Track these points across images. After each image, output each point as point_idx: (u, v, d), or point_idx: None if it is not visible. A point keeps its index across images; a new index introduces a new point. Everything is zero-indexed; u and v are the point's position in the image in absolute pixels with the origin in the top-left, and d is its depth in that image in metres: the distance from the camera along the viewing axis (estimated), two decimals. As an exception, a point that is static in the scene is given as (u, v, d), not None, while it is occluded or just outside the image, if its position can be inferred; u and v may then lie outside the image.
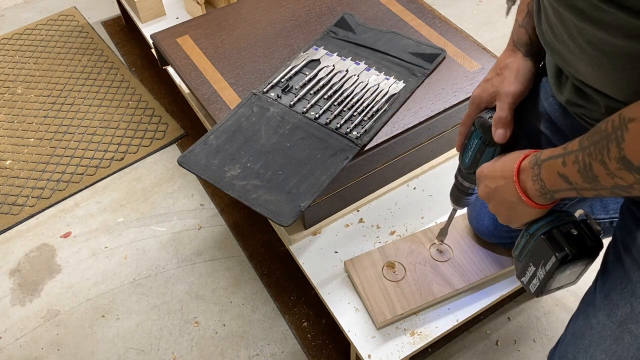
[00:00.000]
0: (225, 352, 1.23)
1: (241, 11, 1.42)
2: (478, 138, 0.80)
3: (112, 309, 1.31)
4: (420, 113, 1.13)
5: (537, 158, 0.64)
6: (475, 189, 0.87)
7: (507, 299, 1.24)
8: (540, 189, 0.64)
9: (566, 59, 0.64)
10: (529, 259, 0.74)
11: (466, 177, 0.87)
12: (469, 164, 0.83)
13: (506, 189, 0.69)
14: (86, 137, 1.68)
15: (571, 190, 0.60)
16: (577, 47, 0.59)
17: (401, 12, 1.38)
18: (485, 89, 0.79)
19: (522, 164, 0.67)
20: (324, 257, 1.12)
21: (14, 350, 1.24)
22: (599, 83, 0.61)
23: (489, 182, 0.73)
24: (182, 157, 1.07)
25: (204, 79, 1.24)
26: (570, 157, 0.58)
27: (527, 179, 0.66)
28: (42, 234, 1.46)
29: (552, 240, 0.69)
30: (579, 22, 0.56)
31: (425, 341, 1.00)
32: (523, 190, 0.67)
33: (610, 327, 0.68)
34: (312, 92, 1.17)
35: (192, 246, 1.42)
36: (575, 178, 0.58)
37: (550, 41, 0.66)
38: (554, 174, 0.61)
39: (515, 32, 0.80)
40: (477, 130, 0.79)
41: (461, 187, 0.89)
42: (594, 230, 0.71)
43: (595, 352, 0.69)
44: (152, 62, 1.93)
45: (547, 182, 0.63)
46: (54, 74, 1.90)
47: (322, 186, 1.01)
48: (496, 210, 0.74)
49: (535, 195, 0.66)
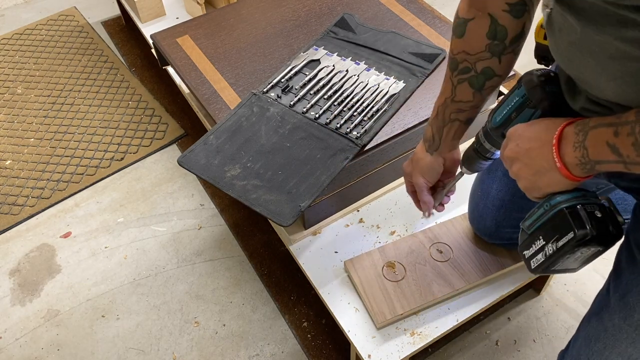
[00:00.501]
0: (225, 352, 1.23)
1: (241, 11, 1.42)
2: (520, 96, 0.73)
3: (112, 309, 1.31)
4: (420, 113, 1.13)
5: (585, 124, 0.59)
6: (496, 154, 0.82)
7: (507, 299, 1.24)
8: (582, 157, 0.59)
9: (584, 75, 0.62)
10: (541, 232, 0.68)
11: (490, 137, 0.80)
12: (500, 123, 0.77)
13: (541, 153, 0.64)
14: (86, 137, 1.68)
15: (619, 163, 0.56)
16: (599, 64, 0.58)
17: (401, 12, 1.38)
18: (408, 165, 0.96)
19: (566, 130, 0.62)
20: (324, 257, 1.12)
21: (14, 350, 1.24)
22: (621, 97, 0.59)
23: (521, 142, 0.67)
24: (182, 157, 1.07)
25: (204, 79, 1.24)
26: (625, 128, 0.54)
27: (568, 145, 0.61)
28: (42, 234, 1.46)
29: (574, 215, 0.64)
30: (600, 37, 0.55)
31: (425, 341, 1.00)
32: (560, 157, 0.62)
33: (626, 329, 0.66)
34: (312, 92, 1.17)
35: (192, 246, 1.42)
36: (627, 150, 0.54)
37: (567, 59, 0.64)
38: (601, 143, 0.57)
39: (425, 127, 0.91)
40: (521, 87, 0.73)
41: (480, 149, 0.83)
42: (617, 219, 0.66)
43: (611, 355, 0.68)
44: (152, 62, 1.93)
45: (591, 150, 0.58)
46: (54, 74, 1.90)
47: (322, 186, 1.01)
48: (520, 174, 0.68)
49: (573, 164, 0.61)
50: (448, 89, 0.82)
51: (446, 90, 0.83)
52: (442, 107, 0.84)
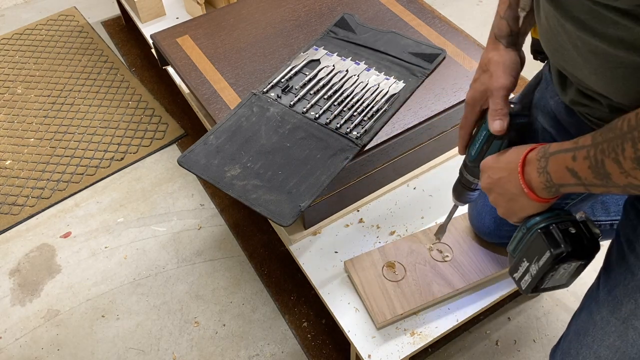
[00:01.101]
0: (225, 352, 1.23)
1: (241, 11, 1.42)
2: (487, 130, 0.78)
3: (112, 309, 1.31)
4: (420, 113, 1.13)
5: (545, 150, 0.63)
6: (479, 184, 0.86)
7: (507, 299, 1.24)
8: (546, 182, 0.63)
9: (570, 66, 0.64)
10: (523, 254, 0.73)
11: (471, 170, 0.86)
12: (475, 157, 0.82)
13: (509, 180, 0.69)
14: (86, 137, 1.68)
15: (579, 185, 0.59)
16: (581, 57, 0.59)
17: (401, 12, 1.38)
18: (476, 89, 0.79)
19: (529, 156, 0.66)
20: (324, 257, 1.12)
21: (14, 350, 1.24)
22: (604, 89, 0.60)
23: (492, 172, 0.73)
24: (182, 157, 1.07)
25: (204, 79, 1.24)
26: (582, 152, 0.57)
27: (533, 171, 0.65)
28: (42, 234, 1.46)
29: (548, 235, 0.69)
30: (581, 34, 0.56)
31: (425, 341, 1.00)
32: (527, 183, 0.66)
33: (614, 323, 0.68)
34: (312, 92, 1.17)
35: (192, 246, 1.42)
36: (585, 174, 0.57)
37: (553, 48, 0.65)
38: (561, 168, 0.60)
39: (496, 25, 0.79)
40: (487, 122, 0.78)
41: (465, 182, 0.89)
42: (592, 232, 0.70)
43: (599, 349, 0.69)
44: (152, 62, 1.93)
45: (553, 175, 0.62)
46: (54, 74, 1.90)
47: (322, 186, 1.01)
48: (496, 202, 0.73)
49: (539, 188, 0.65)
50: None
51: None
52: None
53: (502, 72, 0.76)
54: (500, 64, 0.77)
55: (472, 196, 0.91)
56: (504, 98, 0.75)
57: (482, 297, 1.05)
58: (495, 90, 0.76)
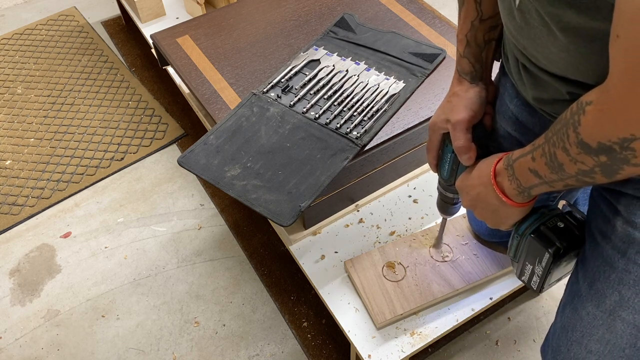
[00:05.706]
0: (225, 352, 1.23)
1: (241, 11, 1.42)
2: (451, 152, 0.82)
3: (112, 309, 1.31)
4: (420, 113, 1.13)
5: (509, 158, 0.66)
6: (459, 199, 0.89)
7: (507, 299, 1.24)
8: (517, 187, 0.66)
9: (536, 47, 0.63)
10: (525, 258, 0.76)
11: (448, 188, 0.89)
12: (447, 177, 0.85)
13: (487, 194, 0.71)
14: (86, 137, 1.68)
15: (543, 184, 0.61)
16: (551, 34, 0.59)
17: (401, 12, 1.38)
18: (438, 115, 0.83)
19: (497, 167, 0.69)
20: (324, 257, 1.12)
21: (14, 350, 1.24)
22: (572, 67, 0.60)
23: (469, 190, 0.75)
24: (182, 157, 1.07)
25: (204, 79, 1.24)
26: (538, 151, 0.59)
27: (504, 180, 0.67)
28: (42, 234, 1.46)
29: (541, 237, 0.71)
30: (554, 9, 0.55)
31: (425, 341, 1.00)
32: (502, 192, 0.68)
33: (600, 316, 0.68)
34: (312, 92, 1.17)
35: (192, 246, 1.42)
36: (543, 171, 0.59)
37: (518, 34, 0.65)
38: (525, 171, 0.62)
39: (458, 63, 0.82)
40: (449, 145, 0.81)
41: (445, 199, 0.92)
42: (578, 218, 0.73)
43: (589, 343, 0.70)
44: (152, 62, 1.93)
45: (521, 180, 0.64)
46: (54, 74, 1.90)
47: (322, 186, 1.01)
48: (483, 216, 0.75)
49: (514, 195, 0.67)
50: (471, 10, 0.79)
51: (469, 13, 0.79)
52: (470, 34, 0.80)
53: (463, 107, 0.80)
54: (463, 99, 0.81)
55: (456, 208, 0.94)
56: (464, 132, 0.79)
57: (482, 297, 1.05)
58: (456, 123, 0.79)
